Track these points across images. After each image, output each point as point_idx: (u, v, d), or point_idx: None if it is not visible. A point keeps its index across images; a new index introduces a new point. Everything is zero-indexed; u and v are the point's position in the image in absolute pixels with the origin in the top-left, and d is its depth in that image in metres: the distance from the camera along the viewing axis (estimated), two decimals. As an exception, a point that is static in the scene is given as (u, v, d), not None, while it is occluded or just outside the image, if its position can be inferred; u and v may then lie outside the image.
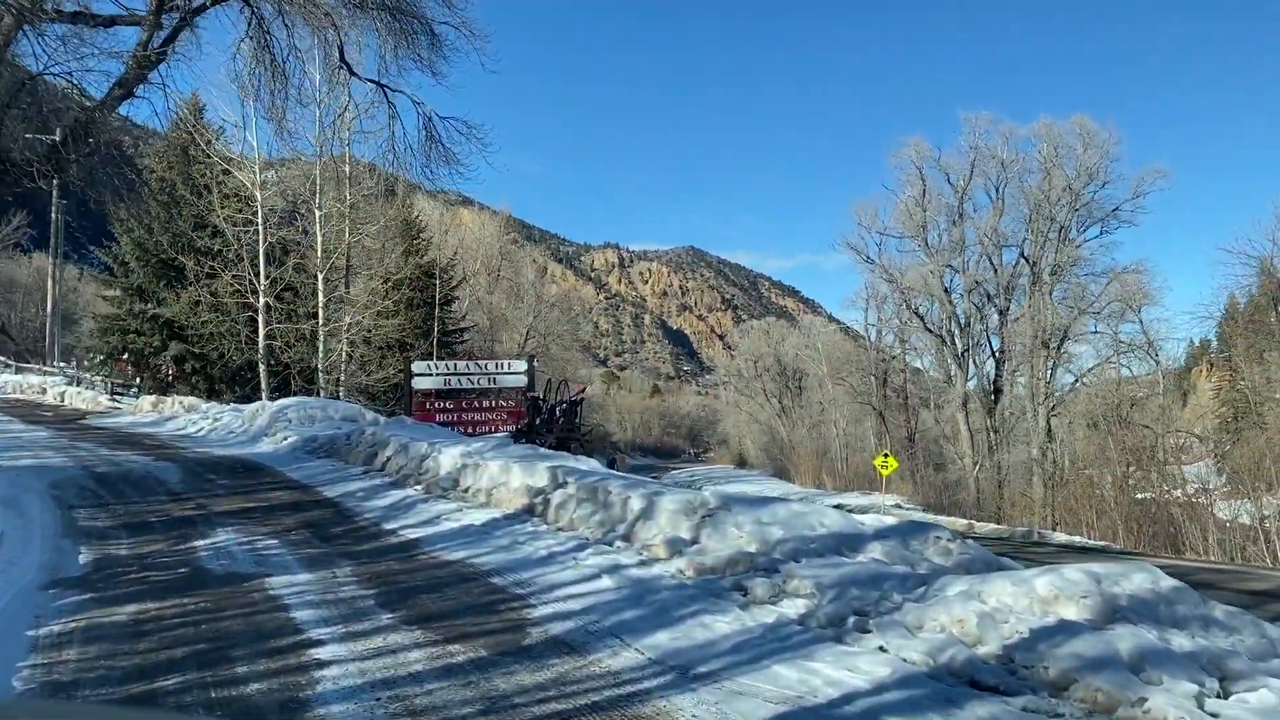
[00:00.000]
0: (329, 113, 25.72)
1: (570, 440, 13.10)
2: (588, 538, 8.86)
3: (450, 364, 23.16)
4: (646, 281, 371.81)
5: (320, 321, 28.34)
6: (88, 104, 13.09)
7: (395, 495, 12.04)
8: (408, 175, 15.16)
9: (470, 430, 22.79)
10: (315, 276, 28.87)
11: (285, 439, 18.12)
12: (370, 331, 28.63)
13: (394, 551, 8.93)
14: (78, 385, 32.42)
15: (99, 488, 13.03)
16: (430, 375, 22.94)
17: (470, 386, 23.64)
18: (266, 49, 13.99)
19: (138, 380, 30.08)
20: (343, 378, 28.82)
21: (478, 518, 10.24)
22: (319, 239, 28.47)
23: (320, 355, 28.22)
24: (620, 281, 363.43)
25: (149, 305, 28.15)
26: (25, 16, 12.72)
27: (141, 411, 26.68)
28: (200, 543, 9.20)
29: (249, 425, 20.30)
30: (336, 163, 28.74)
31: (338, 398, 28.83)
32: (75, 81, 12.83)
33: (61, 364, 37.31)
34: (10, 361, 39.22)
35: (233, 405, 24.09)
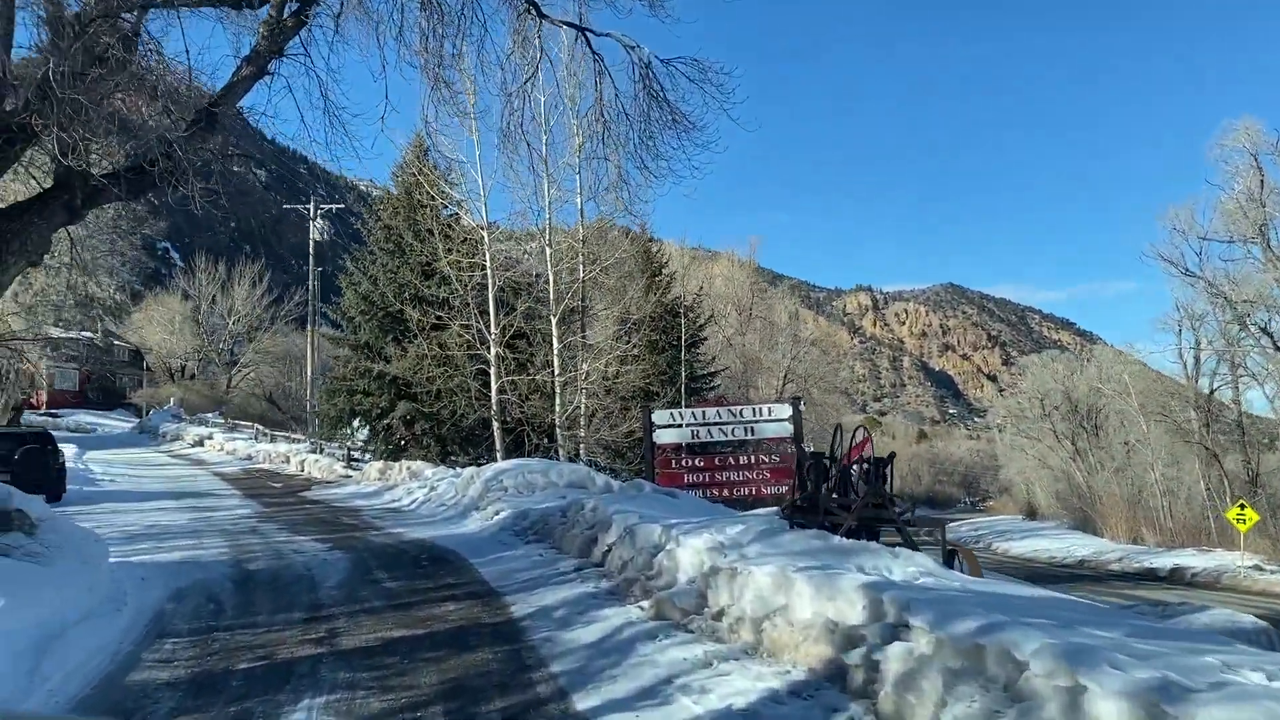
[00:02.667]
0: (514, 75, 22.36)
1: (879, 522, 8.27)
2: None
3: (698, 412, 18.84)
4: (903, 323, 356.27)
5: (555, 371, 25.01)
6: (206, 96, 9.88)
7: (608, 621, 7.58)
8: (620, 156, 10.86)
9: (726, 494, 18.24)
10: (549, 320, 25.67)
11: (496, 514, 14.33)
12: (612, 379, 24.97)
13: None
14: (319, 453, 31.11)
15: (230, 597, 9.60)
16: (675, 426, 18.68)
17: (723, 439, 19.13)
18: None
19: (371, 445, 28.11)
20: (583, 433, 25.27)
21: (740, 689, 5.54)
22: (551, 277, 25.26)
23: (557, 408, 24.83)
24: (875, 324, 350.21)
25: (375, 363, 26.03)
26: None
27: (368, 479, 24.35)
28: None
29: (460, 496, 16.83)
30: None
31: (577, 456, 25.26)
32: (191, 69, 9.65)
33: (316, 431, 36.69)
34: (267, 431, 39.30)
35: (454, 471, 21.02)
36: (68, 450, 35.97)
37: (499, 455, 25.16)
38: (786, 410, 18.69)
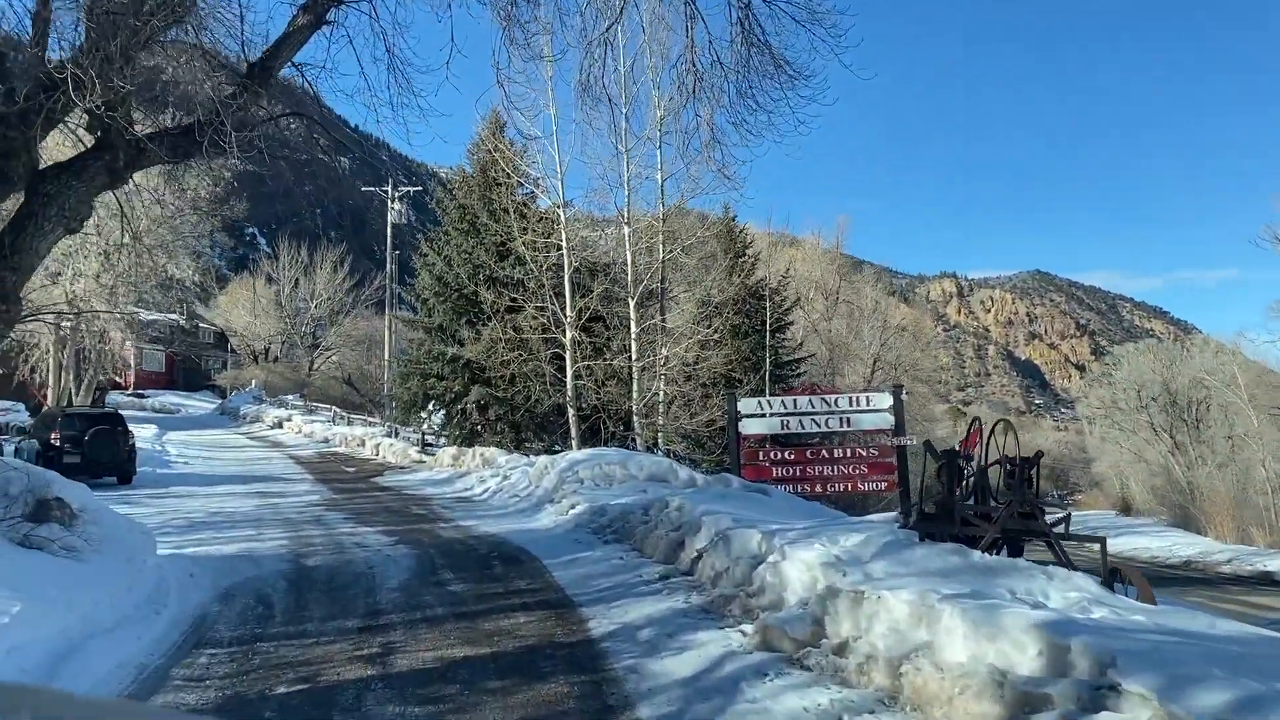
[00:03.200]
0: (595, 20, 21.22)
1: (1026, 534, 6.92)
2: None
3: (788, 400, 17.52)
4: (989, 310, 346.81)
5: (633, 356, 23.91)
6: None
7: (704, 649, 6.40)
8: (713, 111, 9.61)
9: (818, 489, 16.93)
10: (626, 303, 24.56)
11: (571, 508, 13.28)
12: (691, 366, 23.76)
13: None
14: (394, 437, 30.58)
15: (281, 599, 8.72)
16: (762, 415, 17.38)
17: (815, 430, 17.78)
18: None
19: (445, 430, 27.37)
20: (661, 421, 24.14)
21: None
22: (629, 257, 24.15)
23: (634, 395, 23.73)
24: (959, 312, 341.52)
25: (449, 346, 25.21)
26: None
27: (440, 465, 23.60)
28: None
29: (534, 486, 15.83)
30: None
31: (655, 446, 24.15)
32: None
33: (391, 415, 36.27)
34: (344, 414, 39.07)
35: (528, 459, 20.06)
36: (147, 431, 36.21)
37: (574, 443, 24.17)
38: (886, 399, 17.23)
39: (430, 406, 27.25)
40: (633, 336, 24.13)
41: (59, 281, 34.41)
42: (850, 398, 17.77)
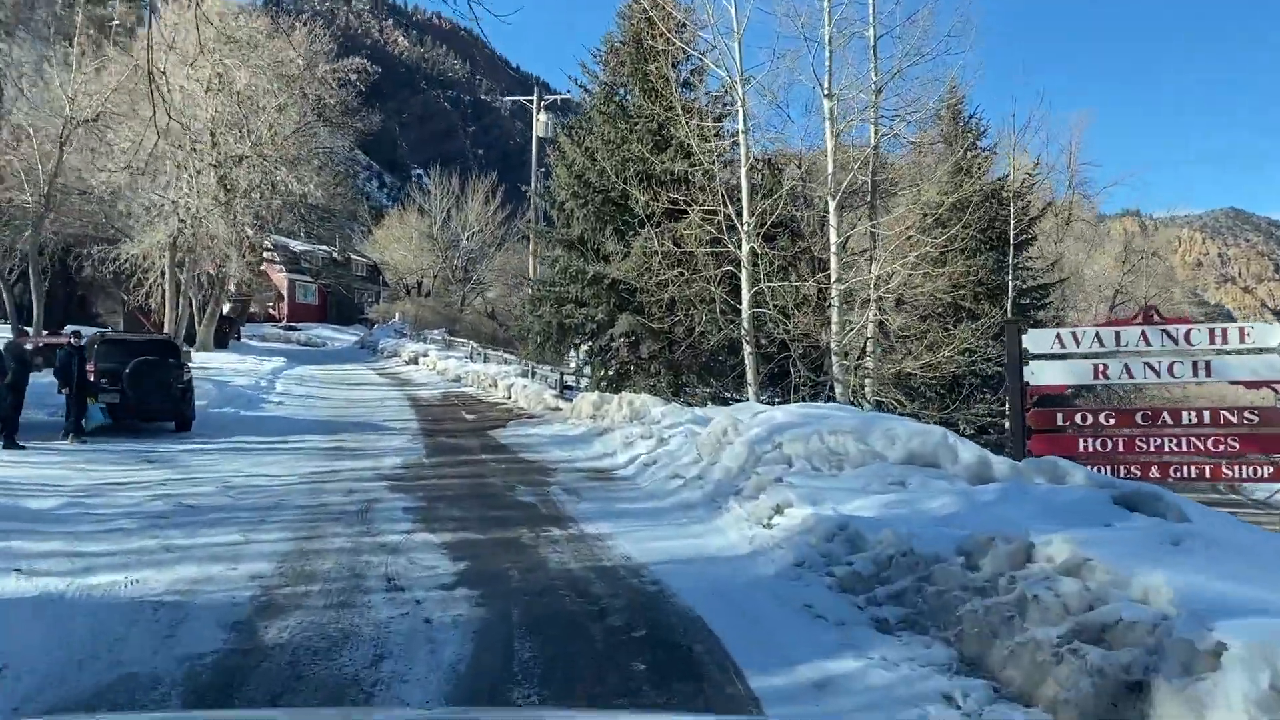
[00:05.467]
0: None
1: None
2: None
3: (1107, 333, 11.06)
4: (1176, 250, 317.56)
5: (833, 275, 17.72)
6: None
7: None
8: None
9: (1157, 474, 10.43)
10: (822, 205, 18.32)
11: (776, 516, 7.43)
12: (915, 288, 17.39)
13: None
14: (529, 377, 25.50)
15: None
16: (1064, 356, 11.00)
17: (1151, 379, 11.25)
18: None
19: (586, 368, 21.88)
20: (871, 364, 17.95)
21: None
22: (830, 144, 17.80)
23: (833, 328, 17.59)
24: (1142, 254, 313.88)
25: (591, 264, 19.55)
26: None
27: (578, 416, 18.18)
28: None
29: (707, 462, 10.02)
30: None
31: (862, 398, 18.02)
32: None
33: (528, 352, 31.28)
34: (481, 350, 34.27)
35: (691, 413, 14.15)
36: (269, 365, 32.62)
37: (750, 390, 18.32)
38: (1275, 334, 10.53)
39: (572, 341, 21.70)
40: (833, 249, 17.92)
41: (169, 194, 30.77)
42: (1212, 330, 11.09)
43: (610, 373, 20.75)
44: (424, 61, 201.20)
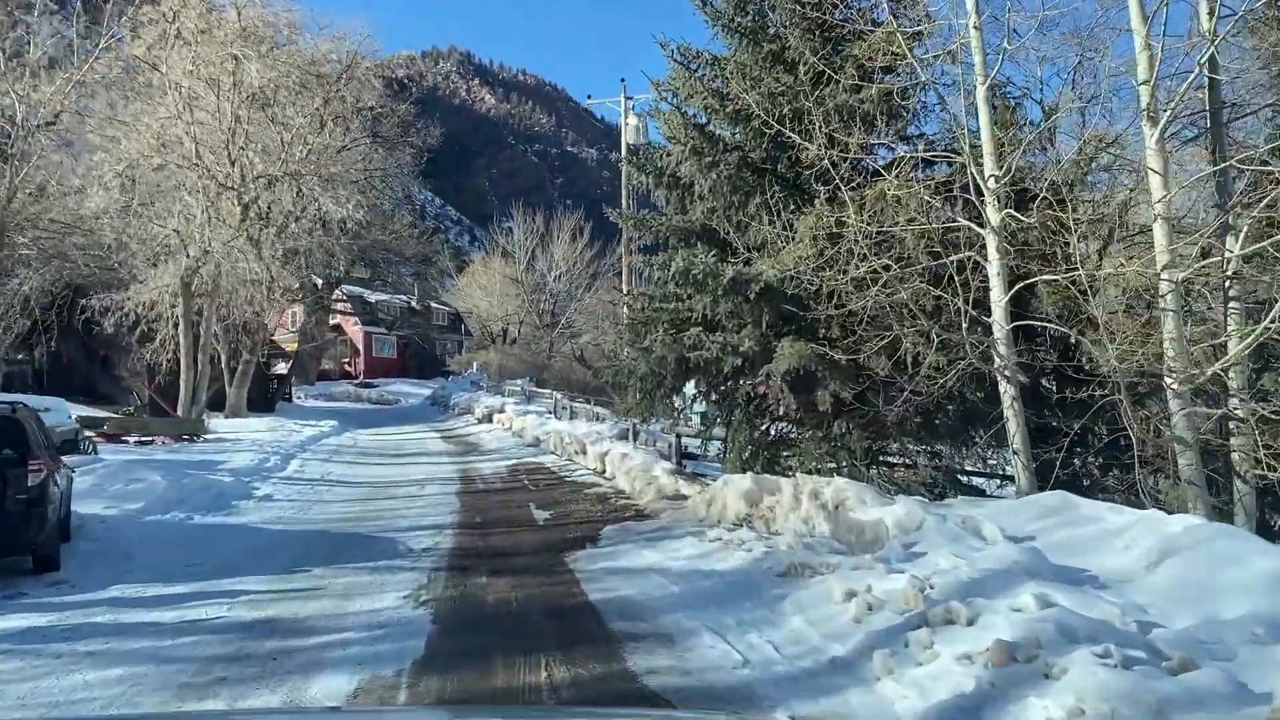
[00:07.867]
0: None
1: None
2: None
3: None
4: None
5: (1158, 255, 9.97)
6: None
7: None
8: None
9: None
10: (1134, 144, 10.71)
11: None
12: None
13: None
14: (630, 440, 18.21)
15: None
16: None
17: None
18: None
19: (721, 431, 14.05)
20: (1241, 411, 10.04)
21: None
22: (1141, 31, 10.21)
23: (1168, 350, 9.80)
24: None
25: (725, 262, 11.78)
26: None
27: (718, 515, 10.59)
28: None
29: None
30: None
31: (1232, 480, 10.18)
32: None
33: (630, 403, 23.91)
34: (566, 403, 26.97)
35: (963, 510, 6.40)
36: (309, 431, 26.17)
37: (1018, 464, 10.62)
38: None
39: (691, 386, 13.92)
40: (1157, 209, 10.15)
41: (190, 226, 24.65)
42: None
43: (758, 435, 13.14)
44: (511, 117, 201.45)
